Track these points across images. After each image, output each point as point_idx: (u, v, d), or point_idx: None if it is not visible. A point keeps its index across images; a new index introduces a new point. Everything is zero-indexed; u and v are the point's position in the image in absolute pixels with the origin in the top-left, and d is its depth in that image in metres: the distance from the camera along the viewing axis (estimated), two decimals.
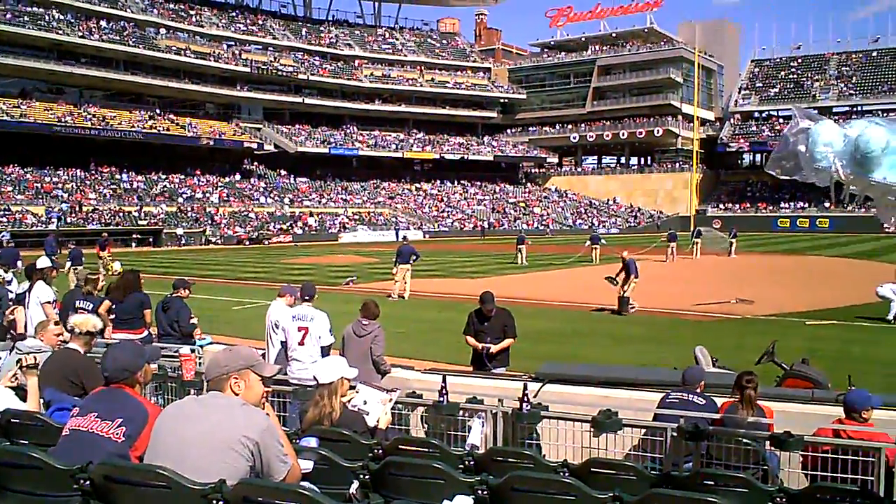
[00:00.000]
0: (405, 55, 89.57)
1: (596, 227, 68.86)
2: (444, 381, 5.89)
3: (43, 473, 3.11)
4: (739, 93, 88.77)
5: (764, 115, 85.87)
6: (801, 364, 8.56)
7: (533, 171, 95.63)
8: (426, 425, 6.60)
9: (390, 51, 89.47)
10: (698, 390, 5.90)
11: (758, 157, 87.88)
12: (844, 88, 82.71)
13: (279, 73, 76.96)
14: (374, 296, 15.57)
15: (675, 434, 4.85)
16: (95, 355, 5.23)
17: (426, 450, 4.39)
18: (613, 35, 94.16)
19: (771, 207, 76.91)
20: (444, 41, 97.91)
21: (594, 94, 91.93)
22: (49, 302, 9.48)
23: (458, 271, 29.98)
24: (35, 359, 4.86)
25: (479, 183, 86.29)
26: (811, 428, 5.39)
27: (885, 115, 78.63)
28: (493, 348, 8.69)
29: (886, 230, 65.11)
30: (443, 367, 9.68)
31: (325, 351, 7.70)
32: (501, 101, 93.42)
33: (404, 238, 29.14)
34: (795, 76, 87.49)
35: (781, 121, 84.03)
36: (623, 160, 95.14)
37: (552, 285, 25.06)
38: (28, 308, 9.45)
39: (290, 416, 6.37)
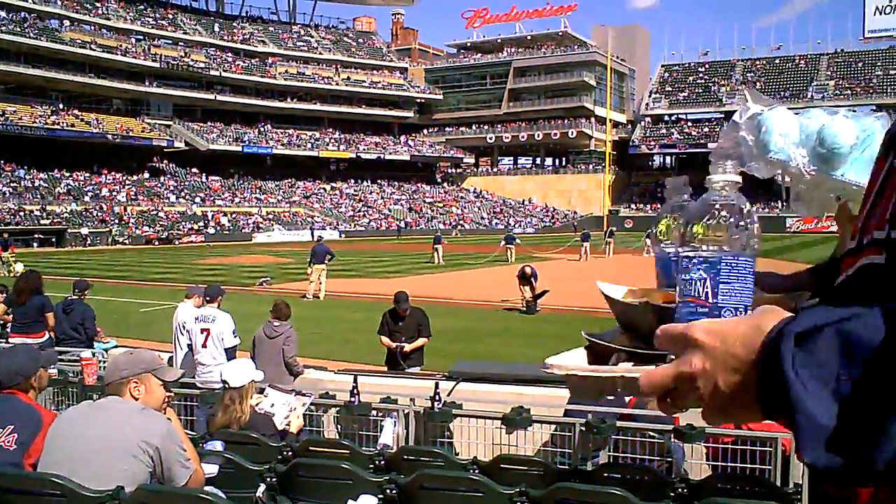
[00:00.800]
0: (321, 53, 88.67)
1: (512, 227, 69.75)
2: (355, 381, 5.86)
3: None
4: (650, 96, 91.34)
5: (673, 118, 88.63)
6: None
7: (450, 171, 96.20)
8: (339, 426, 6.56)
9: (305, 48, 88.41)
10: None
11: (668, 158, 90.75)
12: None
13: (190, 68, 75.03)
14: (289, 296, 15.37)
15: (583, 429, 4.94)
16: None
17: (336, 451, 4.36)
18: (529, 38, 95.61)
19: None
20: (361, 40, 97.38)
21: (510, 95, 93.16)
22: None
23: (374, 271, 29.86)
24: None
25: (395, 183, 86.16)
26: None
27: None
28: (407, 347, 8.70)
29: (790, 229, 68.18)
30: (357, 367, 9.64)
31: (230, 353, 7.53)
32: (418, 101, 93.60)
33: (319, 238, 28.88)
34: (703, 81, 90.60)
35: (690, 124, 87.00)
36: (538, 161, 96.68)
37: (468, 285, 25.23)
38: None
39: (197, 419, 6.22)
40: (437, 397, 5.49)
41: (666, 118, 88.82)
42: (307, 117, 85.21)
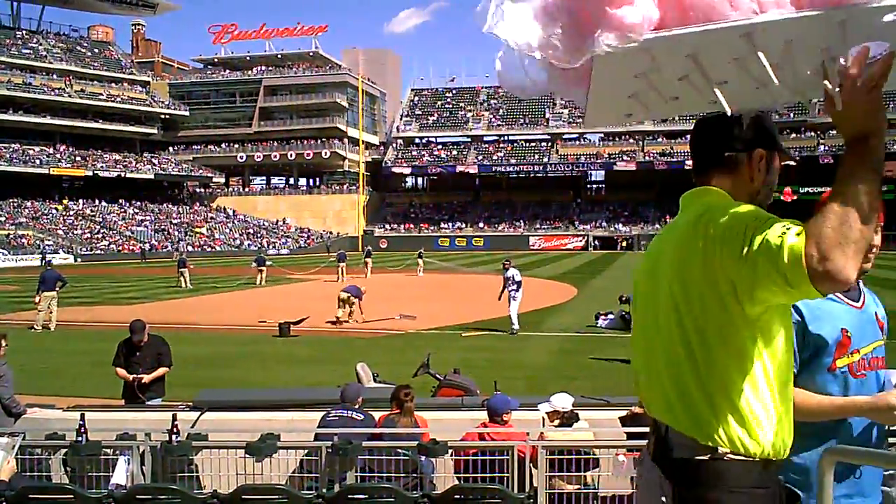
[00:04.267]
0: (50, 62, 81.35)
1: (265, 248, 68.30)
2: (82, 418, 5.31)
3: None
4: (401, 119, 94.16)
5: (424, 140, 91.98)
6: (454, 374, 9.14)
7: (199, 190, 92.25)
8: (67, 469, 5.94)
9: (32, 56, 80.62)
10: (356, 406, 5.98)
11: (420, 180, 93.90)
12: (493, 119, 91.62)
13: None
14: (15, 328, 13.80)
15: (330, 451, 4.84)
16: None
17: (59, 496, 3.90)
18: (279, 56, 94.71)
19: (432, 228, 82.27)
20: (97, 50, 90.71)
21: (261, 113, 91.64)
22: None
23: (115, 298, 27.75)
24: None
25: (138, 203, 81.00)
26: (462, 433, 5.73)
27: (527, 144, 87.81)
28: (146, 379, 8.10)
29: (532, 247, 73.00)
30: (92, 402, 8.88)
31: None
32: (162, 116, 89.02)
33: (48, 263, 26.37)
34: (451, 106, 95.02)
35: (440, 146, 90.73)
36: (292, 181, 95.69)
37: (217, 309, 24.24)
38: None
39: None
40: (174, 430, 5.12)
41: (417, 140, 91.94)
42: (35, 131, 77.55)
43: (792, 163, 2.13)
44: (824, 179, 52.68)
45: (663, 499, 1.91)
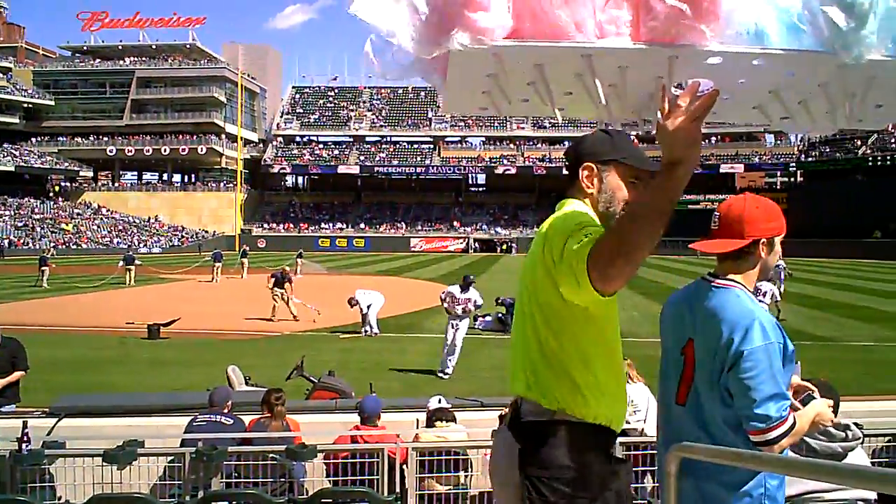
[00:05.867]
0: None
1: (136, 246, 65.47)
2: None
3: None
4: (282, 116, 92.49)
5: (305, 139, 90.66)
6: (328, 376, 9.05)
7: (64, 184, 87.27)
8: None
9: None
10: (225, 411, 5.82)
11: (301, 179, 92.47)
12: (375, 119, 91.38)
13: None
14: None
15: (194, 457, 4.68)
16: None
17: None
18: (153, 47, 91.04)
19: (313, 228, 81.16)
20: None
21: (133, 106, 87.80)
22: None
23: None
24: None
25: None
26: (335, 436, 5.67)
27: (409, 146, 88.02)
28: None
29: (413, 248, 73.25)
30: None
31: None
32: (25, 105, 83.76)
33: None
34: (333, 105, 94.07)
35: (321, 146, 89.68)
36: (166, 177, 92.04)
37: (81, 309, 23.03)
38: None
39: None
40: (25, 438, 4.81)
41: (298, 139, 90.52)
42: None
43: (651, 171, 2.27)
44: None
45: (510, 458, 2.22)
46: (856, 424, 3.08)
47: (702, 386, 2.38)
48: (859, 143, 69.69)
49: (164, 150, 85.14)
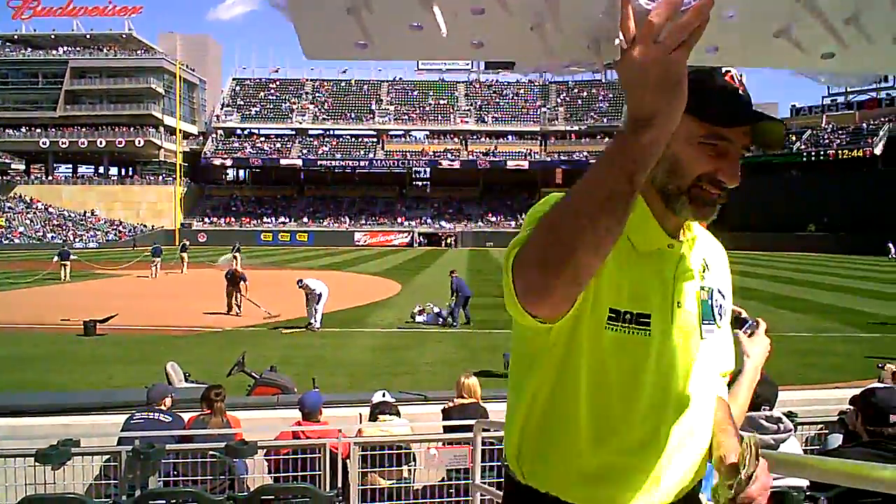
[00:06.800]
0: None
1: (72, 241, 63.73)
2: None
3: None
4: (222, 109, 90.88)
5: (246, 132, 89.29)
6: (270, 372, 8.97)
7: None
8: None
9: None
10: (164, 408, 5.72)
11: (241, 172, 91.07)
12: (318, 113, 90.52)
13: None
14: None
15: (130, 455, 4.60)
16: None
17: None
18: (88, 36, 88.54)
19: (255, 222, 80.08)
20: None
21: (67, 97, 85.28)
22: None
23: None
24: None
25: None
26: (277, 432, 5.63)
27: (352, 139, 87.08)
28: None
29: (357, 243, 72.81)
30: None
31: None
32: None
33: None
34: (275, 97, 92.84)
35: (263, 139, 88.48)
36: (102, 170, 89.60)
37: (13, 306, 22.32)
38: None
39: None
40: None
41: (238, 132, 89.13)
42: None
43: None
44: None
45: None
46: (788, 415, 3.17)
47: None
48: (794, 138, 71.65)
49: (100, 143, 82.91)
